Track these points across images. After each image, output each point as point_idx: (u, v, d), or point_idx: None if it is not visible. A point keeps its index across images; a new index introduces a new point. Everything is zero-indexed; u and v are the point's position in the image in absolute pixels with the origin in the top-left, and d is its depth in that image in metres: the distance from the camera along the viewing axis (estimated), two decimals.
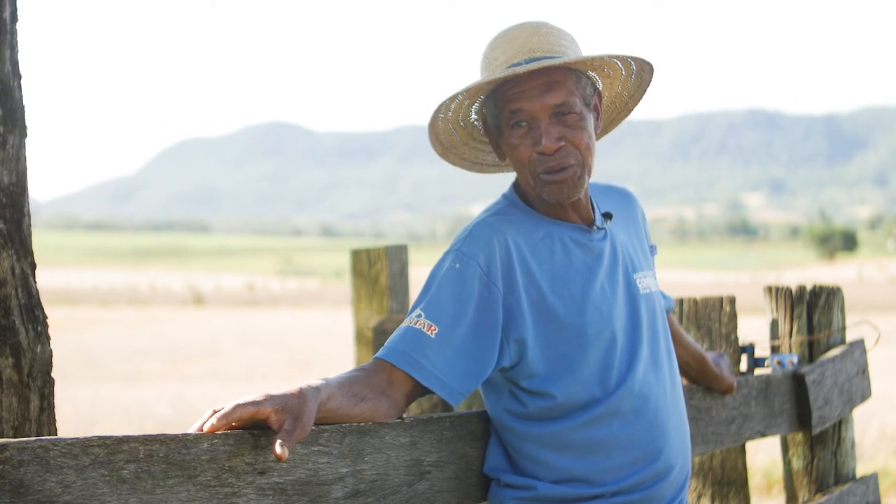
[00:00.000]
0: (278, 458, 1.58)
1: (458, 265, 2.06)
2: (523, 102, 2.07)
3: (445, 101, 2.13)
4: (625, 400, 2.12)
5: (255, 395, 1.66)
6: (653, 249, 2.40)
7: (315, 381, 1.80)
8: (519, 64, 2.07)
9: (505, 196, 2.22)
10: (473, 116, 2.23)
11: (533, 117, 2.07)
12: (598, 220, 2.22)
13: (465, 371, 2.02)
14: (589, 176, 2.13)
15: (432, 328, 2.01)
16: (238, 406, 1.62)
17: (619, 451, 2.12)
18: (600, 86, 2.23)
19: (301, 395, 1.70)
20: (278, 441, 1.60)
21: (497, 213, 2.16)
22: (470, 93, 2.11)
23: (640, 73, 2.23)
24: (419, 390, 2.01)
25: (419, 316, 2.03)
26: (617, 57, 2.15)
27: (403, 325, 2.04)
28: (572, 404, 2.10)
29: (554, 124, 2.07)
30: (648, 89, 2.27)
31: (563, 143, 2.07)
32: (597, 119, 2.18)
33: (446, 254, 2.10)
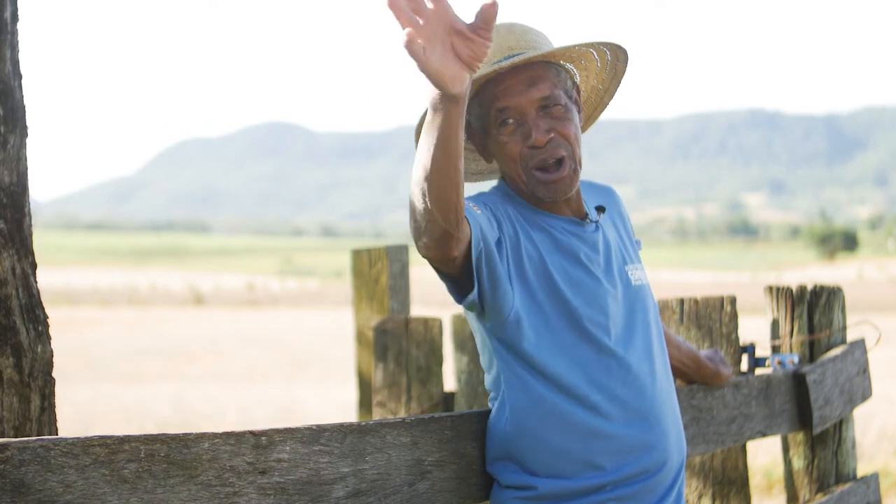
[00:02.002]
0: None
1: (469, 204, 2.05)
2: (509, 99, 2.09)
3: None
4: (619, 390, 2.13)
5: None
6: (637, 244, 2.41)
7: None
8: (499, 62, 2.09)
9: (497, 188, 2.23)
10: None
11: (520, 113, 2.09)
12: (592, 213, 2.24)
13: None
14: (580, 168, 2.14)
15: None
16: None
17: (615, 440, 2.11)
18: (578, 79, 2.26)
19: None
20: None
21: (492, 195, 2.18)
22: None
23: (614, 63, 2.25)
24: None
25: None
26: (593, 46, 2.17)
27: None
28: (568, 387, 2.10)
29: (542, 117, 2.09)
30: (623, 79, 2.30)
31: (552, 134, 2.09)
32: (579, 112, 2.20)
33: None
